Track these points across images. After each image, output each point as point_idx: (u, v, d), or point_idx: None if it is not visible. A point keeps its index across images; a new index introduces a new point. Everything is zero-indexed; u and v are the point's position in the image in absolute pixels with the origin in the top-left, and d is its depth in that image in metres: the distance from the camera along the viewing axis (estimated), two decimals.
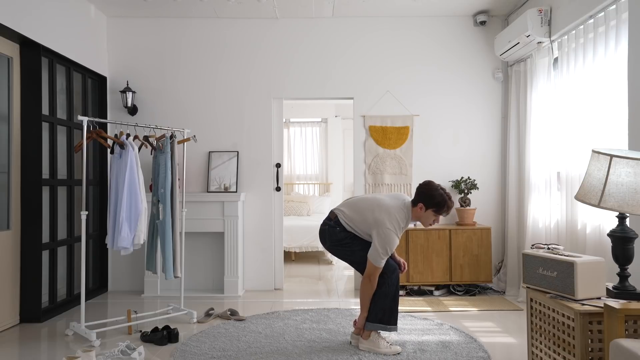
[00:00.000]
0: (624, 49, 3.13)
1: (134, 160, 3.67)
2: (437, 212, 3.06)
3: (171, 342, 3.37)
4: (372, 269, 3.07)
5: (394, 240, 3.05)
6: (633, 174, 2.27)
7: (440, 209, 3.06)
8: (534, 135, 4.39)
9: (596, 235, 3.38)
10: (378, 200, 3.20)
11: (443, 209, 3.06)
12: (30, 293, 3.90)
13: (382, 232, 3.03)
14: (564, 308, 2.38)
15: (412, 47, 5.11)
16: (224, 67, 5.12)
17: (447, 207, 3.05)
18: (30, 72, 3.94)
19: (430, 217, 3.09)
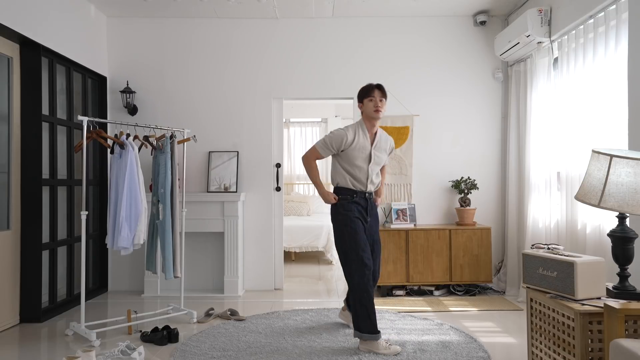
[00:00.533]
0: (624, 49, 3.13)
1: (134, 160, 3.68)
2: (368, 95, 3.29)
3: (171, 342, 3.37)
4: (309, 150, 3.39)
5: (336, 132, 3.32)
6: (633, 174, 2.27)
7: (367, 93, 3.30)
8: (534, 135, 4.39)
9: (596, 235, 3.38)
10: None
11: (371, 92, 3.29)
12: (30, 293, 3.91)
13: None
14: (564, 308, 2.38)
15: (412, 47, 5.11)
16: (224, 67, 5.12)
17: (370, 88, 3.30)
18: (30, 72, 3.94)
19: (370, 105, 3.29)
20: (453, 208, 5.08)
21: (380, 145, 3.39)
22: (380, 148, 3.39)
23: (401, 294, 4.74)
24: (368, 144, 3.31)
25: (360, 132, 3.31)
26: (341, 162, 3.33)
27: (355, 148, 3.27)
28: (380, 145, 3.39)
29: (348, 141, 3.26)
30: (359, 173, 3.31)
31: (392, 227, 4.74)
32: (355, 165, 3.30)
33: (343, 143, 3.26)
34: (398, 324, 3.75)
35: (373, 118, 3.31)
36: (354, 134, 3.28)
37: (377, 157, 3.36)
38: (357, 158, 3.28)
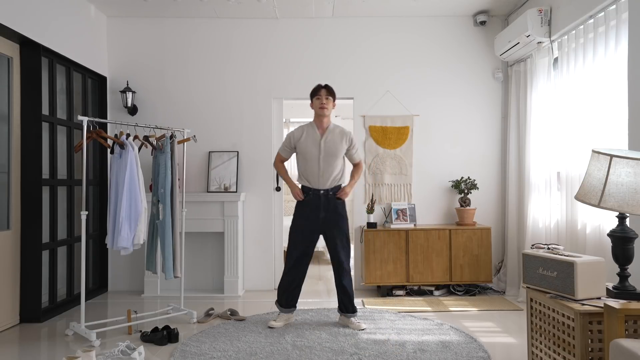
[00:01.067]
0: (624, 49, 3.13)
1: (134, 160, 3.67)
2: (315, 95, 3.68)
3: (171, 342, 3.37)
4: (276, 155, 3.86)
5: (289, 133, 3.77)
6: (633, 174, 2.27)
7: (315, 92, 3.69)
8: (534, 135, 4.39)
9: (596, 235, 3.38)
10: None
11: (317, 91, 3.67)
12: (30, 293, 3.91)
13: None
14: (564, 308, 2.38)
15: (412, 47, 5.11)
16: (224, 67, 5.12)
17: (318, 88, 3.68)
18: (30, 72, 3.94)
19: (317, 103, 3.66)
20: (453, 208, 5.08)
21: (333, 138, 3.64)
22: (332, 141, 3.63)
23: (401, 294, 4.74)
24: (317, 137, 3.63)
25: (309, 128, 3.69)
26: (298, 161, 3.70)
27: (305, 142, 3.63)
28: (332, 138, 3.64)
29: (295, 137, 3.68)
30: (310, 168, 3.62)
31: (392, 227, 4.74)
32: (306, 160, 3.63)
33: (292, 139, 3.69)
34: (398, 324, 3.75)
35: (319, 115, 3.66)
36: (301, 131, 3.68)
37: (328, 148, 3.60)
38: (307, 152, 3.62)
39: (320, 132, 3.66)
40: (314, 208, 3.62)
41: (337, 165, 3.63)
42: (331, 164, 3.60)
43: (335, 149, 3.62)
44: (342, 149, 3.65)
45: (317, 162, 3.60)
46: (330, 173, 3.61)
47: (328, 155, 3.60)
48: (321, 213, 3.62)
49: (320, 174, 3.60)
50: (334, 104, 3.71)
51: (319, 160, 3.60)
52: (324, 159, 3.59)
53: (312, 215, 3.63)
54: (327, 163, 3.59)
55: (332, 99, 3.67)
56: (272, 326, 3.67)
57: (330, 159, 3.60)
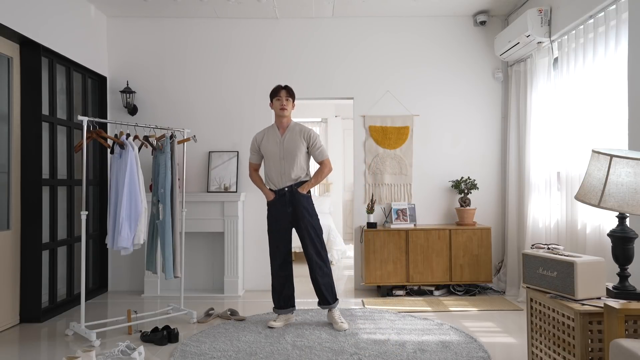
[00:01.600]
0: (624, 49, 3.13)
1: (134, 160, 3.67)
2: (276, 95, 3.75)
3: (171, 342, 3.37)
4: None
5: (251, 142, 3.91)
6: (633, 174, 2.27)
7: (275, 93, 3.76)
8: (534, 135, 4.39)
9: (596, 235, 3.38)
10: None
11: (278, 92, 3.75)
12: (30, 293, 3.90)
13: None
14: (564, 308, 2.38)
15: (412, 47, 5.11)
16: (224, 67, 5.12)
17: (278, 89, 3.76)
18: (30, 72, 3.94)
19: (277, 104, 3.73)
20: (453, 208, 5.08)
21: (292, 137, 3.71)
22: (292, 139, 3.70)
23: (401, 294, 4.74)
24: (278, 137, 3.72)
25: (270, 130, 3.80)
26: (264, 165, 3.83)
27: (267, 143, 3.74)
28: (291, 137, 3.71)
29: (257, 140, 3.81)
30: (273, 168, 3.72)
31: (392, 227, 4.74)
32: (269, 160, 3.75)
33: (255, 143, 3.82)
34: (398, 324, 3.75)
35: (279, 116, 3.75)
36: (262, 134, 3.81)
37: (287, 146, 3.68)
38: (268, 152, 3.73)
39: (281, 132, 3.74)
40: (281, 205, 3.70)
41: (297, 163, 3.68)
42: (292, 163, 3.67)
43: (295, 146, 3.68)
44: (301, 146, 3.70)
45: (278, 161, 3.69)
46: (291, 171, 3.67)
47: (288, 153, 3.68)
48: (288, 207, 3.69)
49: (282, 172, 3.68)
50: (294, 104, 3.80)
51: (280, 160, 3.69)
52: (284, 157, 3.68)
53: (281, 212, 3.70)
54: (288, 162, 3.67)
55: (291, 100, 3.77)
56: (272, 326, 3.68)
57: (291, 157, 3.67)
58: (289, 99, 3.74)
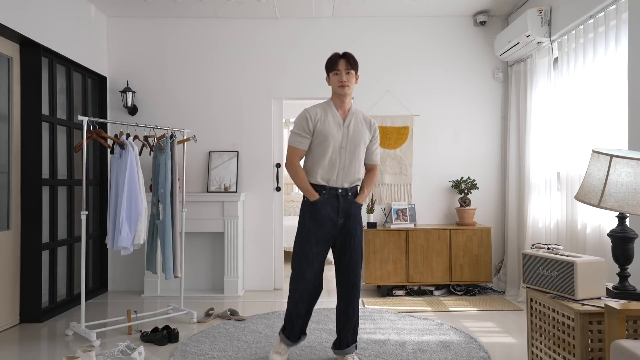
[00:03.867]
0: (624, 49, 3.13)
1: (134, 160, 3.67)
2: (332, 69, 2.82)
3: (171, 342, 3.37)
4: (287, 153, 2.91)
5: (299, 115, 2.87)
6: (633, 174, 2.27)
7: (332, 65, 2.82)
8: (534, 135, 4.39)
9: (596, 235, 3.38)
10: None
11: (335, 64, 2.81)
12: (30, 293, 3.90)
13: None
14: (564, 308, 2.38)
15: (412, 47, 5.11)
16: (224, 67, 5.12)
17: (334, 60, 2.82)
18: (30, 72, 3.94)
19: (335, 80, 2.83)
20: (453, 208, 5.08)
21: (356, 125, 2.87)
22: (357, 127, 2.86)
23: (401, 294, 4.74)
24: (340, 120, 2.84)
25: (328, 108, 2.87)
26: (311, 152, 2.86)
27: (327, 124, 2.81)
28: (355, 124, 2.87)
29: (315, 117, 2.82)
30: (330, 159, 2.82)
31: (392, 227, 4.74)
32: (326, 148, 2.81)
33: (309, 120, 2.82)
34: (398, 324, 3.75)
35: (339, 94, 2.85)
36: (321, 110, 2.86)
37: (353, 135, 2.84)
38: (329, 137, 2.80)
39: (342, 114, 2.87)
40: (332, 210, 2.82)
41: (359, 158, 2.87)
42: (356, 156, 2.84)
43: (361, 137, 2.86)
44: (366, 138, 2.90)
45: (339, 151, 2.82)
46: (354, 168, 2.85)
47: (353, 143, 2.83)
48: (339, 218, 2.83)
49: (342, 167, 2.82)
50: (357, 77, 2.89)
51: (343, 150, 2.82)
52: (347, 147, 2.82)
53: (328, 220, 2.82)
54: (352, 154, 2.83)
55: (354, 72, 2.84)
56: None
57: (356, 149, 2.84)
58: (350, 71, 2.81)
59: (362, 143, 2.87)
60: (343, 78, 2.80)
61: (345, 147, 2.83)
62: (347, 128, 2.84)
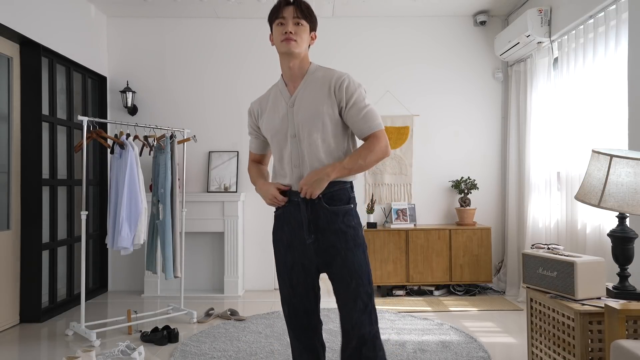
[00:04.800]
0: (624, 49, 3.12)
1: (134, 160, 3.67)
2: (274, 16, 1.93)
3: (171, 342, 3.37)
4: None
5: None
6: (633, 174, 2.27)
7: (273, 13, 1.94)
8: (534, 135, 4.39)
9: (596, 235, 3.38)
10: None
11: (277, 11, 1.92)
12: (30, 293, 3.90)
13: None
14: (564, 308, 2.38)
15: (412, 47, 5.11)
16: (224, 67, 5.12)
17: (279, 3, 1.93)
18: (30, 72, 3.93)
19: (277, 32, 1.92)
20: (453, 208, 5.07)
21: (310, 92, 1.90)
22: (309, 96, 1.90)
23: (401, 294, 4.74)
24: (286, 98, 1.95)
25: (274, 92, 2.03)
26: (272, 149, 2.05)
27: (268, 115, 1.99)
28: (308, 93, 1.91)
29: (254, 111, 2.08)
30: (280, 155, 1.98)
31: (392, 227, 4.74)
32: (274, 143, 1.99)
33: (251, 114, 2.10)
34: (398, 324, 3.75)
35: (286, 55, 1.91)
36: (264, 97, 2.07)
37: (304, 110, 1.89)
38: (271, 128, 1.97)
39: (292, 88, 1.97)
40: (295, 226, 1.93)
41: (329, 143, 1.89)
42: (314, 143, 1.88)
43: (316, 111, 1.88)
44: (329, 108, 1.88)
45: (287, 139, 1.93)
46: (317, 159, 1.88)
47: (305, 125, 1.88)
48: (307, 234, 1.90)
49: (296, 164, 1.92)
50: (314, 36, 1.99)
51: (293, 139, 1.91)
52: (300, 130, 1.89)
53: (295, 240, 1.94)
54: (308, 140, 1.88)
55: (307, 23, 1.93)
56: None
57: (312, 132, 1.87)
58: (300, 21, 1.90)
59: (320, 119, 1.87)
60: (289, 28, 1.87)
61: (295, 135, 1.90)
62: (293, 105, 1.91)
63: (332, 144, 1.91)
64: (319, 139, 1.89)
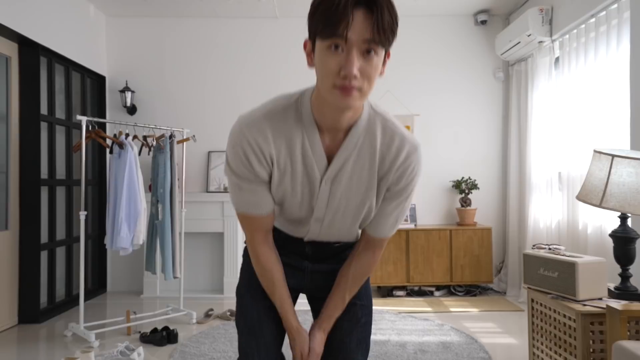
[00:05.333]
0: (625, 48, 3.11)
1: (133, 160, 3.66)
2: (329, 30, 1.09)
3: (170, 342, 3.36)
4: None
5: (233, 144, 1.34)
6: (635, 174, 2.26)
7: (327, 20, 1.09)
8: (535, 135, 4.37)
9: (597, 235, 3.37)
10: None
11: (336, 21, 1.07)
12: (28, 294, 3.89)
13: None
14: (565, 309, 2.37)
15: (412, 46, 5.10)
16: (223, 67, 5.10)
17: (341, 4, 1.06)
18: (29, 71, 3.92)
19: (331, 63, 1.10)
20: (454, 208, 5.06)
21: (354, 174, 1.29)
22: (354, 181, 1.30)
23: (401, 294, 4.72)
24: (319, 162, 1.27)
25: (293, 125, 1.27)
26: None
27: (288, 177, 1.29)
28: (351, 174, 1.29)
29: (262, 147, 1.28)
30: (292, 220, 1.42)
31: None
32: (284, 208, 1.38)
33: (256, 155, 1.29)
34: (398, 324, 3.74)
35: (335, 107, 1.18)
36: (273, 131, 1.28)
37: (341, 199, 1.32)
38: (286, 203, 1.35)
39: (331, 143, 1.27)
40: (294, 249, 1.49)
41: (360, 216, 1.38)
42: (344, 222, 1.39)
43: (362, 197, 1.32)
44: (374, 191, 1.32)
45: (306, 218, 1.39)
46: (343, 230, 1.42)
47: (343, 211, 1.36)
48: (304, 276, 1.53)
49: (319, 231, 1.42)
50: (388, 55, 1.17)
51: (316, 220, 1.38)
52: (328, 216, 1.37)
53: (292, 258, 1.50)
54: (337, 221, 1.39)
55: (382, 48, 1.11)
56: None
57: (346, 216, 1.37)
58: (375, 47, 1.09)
59: (361, 211, 1.35)
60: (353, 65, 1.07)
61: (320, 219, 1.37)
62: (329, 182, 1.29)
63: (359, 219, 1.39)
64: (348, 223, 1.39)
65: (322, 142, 1.26)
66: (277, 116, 1.27)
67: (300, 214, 1.37)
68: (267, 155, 1.27)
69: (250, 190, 1.31)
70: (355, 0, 1.07)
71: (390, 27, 1.11)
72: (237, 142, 1.31)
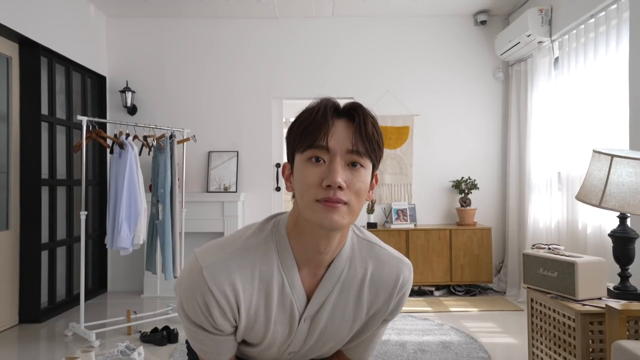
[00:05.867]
0: (625, 48, 3.11)
1: (134, 160, 3.66)
2: (308, 141, 1.01)
3: (171, 342, 3.36)
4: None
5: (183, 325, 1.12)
6: (634, 174, 2.26)
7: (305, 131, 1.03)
8: (535, 135, 4.37)
9: (597, 235, 3.37)
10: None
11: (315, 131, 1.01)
12: (29, 293, 3.89)
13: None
14: (564, 308, 2.37)
15: (412, 46, 5.10)
16: (223, 67, 5.11)
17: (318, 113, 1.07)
18: (30, 71, 3.93)
19: (312, 176, 1.00)
20: (453, 208, 5.06)
21: (337, 310, 1.15)
22: (336, 318, 1.15)
23: None
24: (298, 300, 1.11)
25: (266, 270, 1.07)
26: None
27: (261, 324, 1.10)
28: (334, 311, 1.14)
29: (231, 299, 1.04)
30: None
31: (392, 227, 4.73)
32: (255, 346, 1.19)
33: (220, 308, 1.04)
34: (398, 324, 3.74)
35: (317, 230, 1.02)
36: (242, 279, 1.05)
37: (318, 338, 1.17)
38: (257, 344, 1.16)
39: (311, 279, 1.11)
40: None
41: (340, 346, 1.26)
42: (326, 348, 1.23)
43: (344, 333, 1.19)
44: (359, 323, 1.19)
45: (279, 356, 1.21)
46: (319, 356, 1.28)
47: (321, 346, 1.21)
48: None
49: (291, 357, 1.23)
50: (376, 177, 1.16)
51: (290, 354, 1.21)
52: (304, 350, 1.21)
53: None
54: (317, 349, 1.22)
55: (369, 161, 1.08)
56: None
57: (328, 343, 1.20)
58: (359, 160, 1.03)
59: (341, 340, 1.22)
60: (337, 172, 0.98)
61: (294, 352, 1.21)
62: (308, 320, 1.14)
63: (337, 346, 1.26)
64: (326, 351, 1.25)
65: (302, 282, 1.09)
66: (248, 258, 1.05)
67: (270, 353, 1.18)
68: (235, 308, 1.05)
69: (210, 339, 1.10)
70: (334, 110, 1.02)
71: (375, 138, 1.04)
72: (196, 290, 1.03)
